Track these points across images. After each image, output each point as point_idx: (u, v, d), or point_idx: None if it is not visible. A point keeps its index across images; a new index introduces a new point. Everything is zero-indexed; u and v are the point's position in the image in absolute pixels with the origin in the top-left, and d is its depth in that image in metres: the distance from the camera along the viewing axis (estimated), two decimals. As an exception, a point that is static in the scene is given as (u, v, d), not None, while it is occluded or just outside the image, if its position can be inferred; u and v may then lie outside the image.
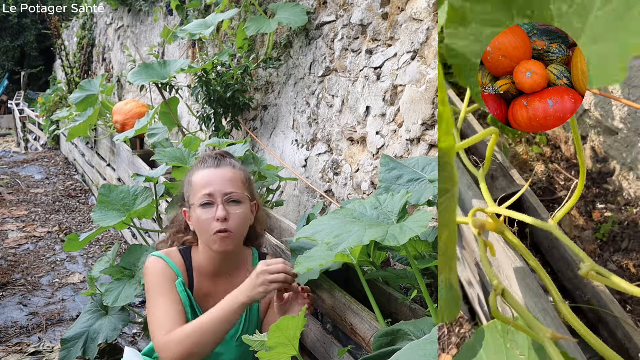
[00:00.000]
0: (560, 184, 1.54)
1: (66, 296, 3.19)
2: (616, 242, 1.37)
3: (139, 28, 5.72)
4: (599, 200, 1.46)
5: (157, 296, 1.51)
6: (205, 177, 1.55)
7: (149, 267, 1.56)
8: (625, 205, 1.43)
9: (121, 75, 6.28)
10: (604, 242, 1.38)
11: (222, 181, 1.53)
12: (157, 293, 1.52)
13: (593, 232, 1.40)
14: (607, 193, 1.47)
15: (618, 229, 1.38)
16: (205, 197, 1.51)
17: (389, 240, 1.03)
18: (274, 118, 2.93)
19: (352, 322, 1.39)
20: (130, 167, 3.62)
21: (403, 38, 1.97)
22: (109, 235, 4.20)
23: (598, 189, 1.49)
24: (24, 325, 2.80)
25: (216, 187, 1.52)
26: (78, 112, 4.20)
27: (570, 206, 0.88)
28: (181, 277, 1.56)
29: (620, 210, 1.43)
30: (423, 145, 1.85)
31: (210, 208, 1.51)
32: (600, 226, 1.40)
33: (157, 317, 1.47)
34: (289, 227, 2.06)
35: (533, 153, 1.65)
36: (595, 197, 1.47)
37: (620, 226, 1.39)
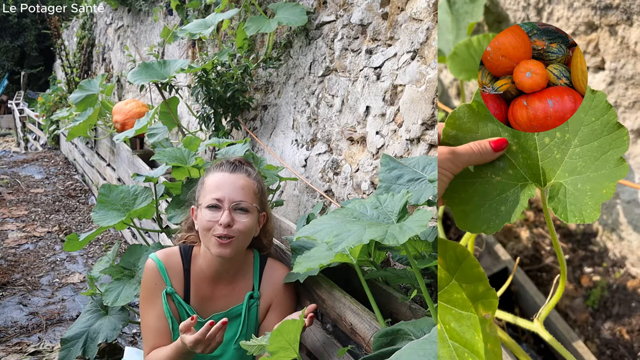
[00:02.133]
0: (546, 249, 1.54)
1: (66, 296, 3.19)
2: (607, 307, 1.37)
3: (139, 28, 5.72)
4: (586, 264, 1.46)
5: (144, 307, 1.58)
6: (218, 180, 1.54)
7: (145, 272, 1.60)
8: (613, 266, 1.43)
9: (121, 75, 6.28)
10: (595, 309, 1.38)
11: (233, 188, 1.53)
12: (144, 303, 1.58)
13: (584, 299, 1.40)
14: (594, 255, 1.47)
15: (608, 294, 1.38)
16: (213, 200, 1.51)
17: (388, 239, 1.03)
18: (274, 118, 2.93)
19: (352, 322, 1.39)
20: (130, 167, 3.62)
21: (403, 38, 1.97)
22: (109, 235, 4.20)
23: (584, 251, 1.48)
24: (24, 325, 2.80)
25: (226, 192, 1.52)
26: (78, 112, 4.20)
27: (554, 303, 0.93)
28: (169, 287, 1.56)
29: (607, 272, 1.43)
30: (423, 145, 1.85)
31: (216, 212, 1.50)
32: (590, 292, 1.40)
33: (143, 330, 1.58)
34: (289, 227, 2.06)
35: (517, 219, 1.65)
36: (582, 261, 1.47)
37: (610, 290, 1.39)
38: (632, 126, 1.25)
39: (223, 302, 1.60)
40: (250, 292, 1.60)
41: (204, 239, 1.54)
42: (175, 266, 1.59)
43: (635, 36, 1.15)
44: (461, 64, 1.63)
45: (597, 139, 0.82)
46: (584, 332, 1.33)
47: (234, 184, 1.54)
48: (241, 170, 1.59)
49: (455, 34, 1.38)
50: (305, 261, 1.40)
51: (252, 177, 1.59)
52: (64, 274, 3.54)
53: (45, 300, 3.12)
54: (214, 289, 1.60)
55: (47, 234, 4.33)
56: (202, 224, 1.51)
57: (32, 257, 3.81)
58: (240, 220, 1.51)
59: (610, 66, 1.21)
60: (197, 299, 1.59)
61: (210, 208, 1.51)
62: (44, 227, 4.52)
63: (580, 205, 0.81)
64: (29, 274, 3.51)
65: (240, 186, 1.54)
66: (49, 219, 4.75)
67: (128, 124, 3.89)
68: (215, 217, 1.49)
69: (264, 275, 1.63)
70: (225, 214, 1.49)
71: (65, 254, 3.87)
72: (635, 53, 1.16)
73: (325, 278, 1.60)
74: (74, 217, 4.84)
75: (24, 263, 3.69)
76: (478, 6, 1.41)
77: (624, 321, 1.32)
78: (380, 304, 1.43)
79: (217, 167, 1.60)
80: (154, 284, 1.56)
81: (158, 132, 2.82)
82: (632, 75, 1.19)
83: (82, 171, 6.19)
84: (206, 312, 1.60)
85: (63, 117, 5.00)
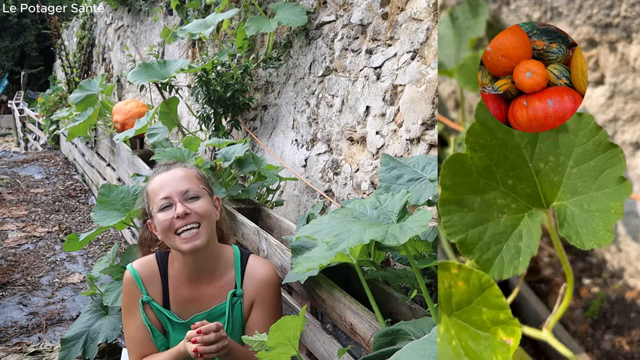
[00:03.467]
0: (544, 260, 1.53)
1: (66, 296, 3.19)
2: (607, 319, 1.37)
3: (139, 28, 5.72)
4: (584, 275, 1.46)
5: (125, 318, 1.61)
6: (159, 181, 1.55)
7: (123, 282, 1.61)
8: (612, 277, 1.42)
9: (121, 75, 6.28)
10: (594, 320, 1.38)
11: (176, 181, 1.53)
12: (126, 314, 1.60)
13: (583, 310, 1.40)
14: (592, 267, 1.46)
15: (607, 305, 1.38)
16: (162, 200, 1.50)
17: (389, 240, 1.03)
18: (274, 118, 2.93)
19: (352, 322, 1.39)
20: (130, 167, 3.62)
21: (403, 38, 1.97)
22: (109, 235, 4.20)
23: (582, 262, 1.48)
24: (24, 325, 2.80)
25: (171, 187, 1.52)
26: (78, 112, 4.20)
27: (561, 312, 0.93)
28: (145, 295, 1.56)
29: (606, 284, 1.42)
30: (423, 145, 1.85)
31: (169, 210, 1.50)
32: (590, 304, 1.39)
33: (127, 341, 1.60)
34: (289, 227, 2.05)
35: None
36: (580, 272, 1.47)
37: (609, 301, 1.39)
38: (631, 139, 1.26)
39: (205, 302, 1.58)
40: (232, 290, 1.57)
41: (169, 241, 1.52)
42: (151, 274, 1.58)
43: (634, 53, 1.16)
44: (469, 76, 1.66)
45: (592, 159, 0.83)
46: (583, 342, 1.33)
47: (175, 177, 1.54)
48: (176, 165, 1.61)
49: (457, 47, 1.39)
50: (305, 261, 1.40)
51: (189, 168, 1.61)
52: (64, 274, 3.54)
53: (45, 300, 3.12)
54: (194, 290, 1.58)
55: (47, 234, 4.33)
56: (162, 227, 1.50)
57: (32, 257, 3.81)
58: (194, 207, 1.50)
59: (610, 81, 1.22)
60: (177, 303, 1.57)
61: (163, 210, 1.50)
62: (44, 227, 4.52)
63: (593, 229, 0.81)
64: (29, 274, 3.51)
65: (181, 177, 1.55)
66: (49, 219, 4.75)
67: (128, 124, 3.89)
68: (171, 215, 1.49)
69: (246, 272, 1.60)
70: (178, 206, 1.49)
71: (65, 254, 3.87)
72: (634, 69, 1.17)
73: (325, 278, 1.60)
74: (74, 217, 4.84)
75: (24, 263, 3.69)
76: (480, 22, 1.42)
77: (624, 332, 1.32)
78: (380, 304, 1.43)
79: (153, 174, 1.63)
80: (132, 294, 1.57)
81: (158, 132, 2.82)
82: (631, 89, 1.20)
83: (82, 171, 6.19)
84: (191, 312, 1.58)
85: (63, 117, 5.00)
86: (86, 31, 8.05)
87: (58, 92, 7.97)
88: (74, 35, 9.01)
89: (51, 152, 8.04)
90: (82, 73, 8.07)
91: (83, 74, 8.05)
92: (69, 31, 9.71)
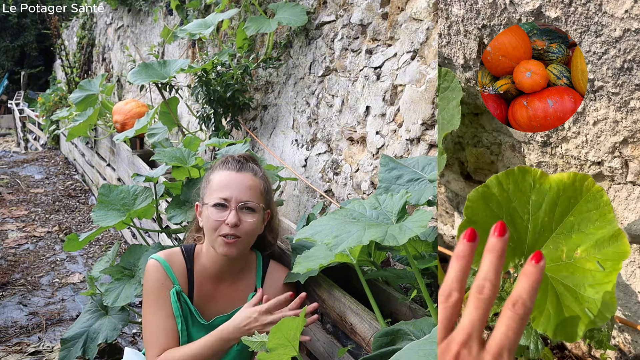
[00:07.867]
0: None
1: (66, 296, 3.19)
2: None
3: (139, 28, 5.71)
4: None
5: (151, 307, 1.54)
6: (225, 179, 1.53)
7: (148, 273, 1.57)
8: None
9: (121, 75, 6.28)
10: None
11: (240, 188, 1.52)
12: (151, 304, 1.54)
13: None
14: None
15: None
16: (220, 199, 1.50)
17: (388, 240, 1.03)
18: (274, 118, 2.93)
19: (352, 322, 1.39)
20: (130, 167, 3.62)
21: (403, 38, 1.97)
22: (109, 235, 4.20)
23: None
24: (24, 325, 2.80)
25: (233, 192, 1.51)
26: (78, 112, 4.20)
27: None
28: (177, 285, 1.55)
29: None
30: (423, 145, 1.85)
31: (223, 211, 1.49)
32: None
33: (150, 331, 1.52)
34: (289, 227, 2.06)
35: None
36: None
37: None
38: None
39: (225, 303, 1.60)
40: (252, 292, 1.60)
41: (209, 237, 1.53)
42: (178, 266, 1.58)
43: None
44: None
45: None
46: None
47: (241, 184, 1.52)
48: (247, 168, 1.57)
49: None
50: (305, 261, 1.40)
51: (258, 176, 1.58)
52: (64, 274, 3.54)
53: (45, 300, 3.12)
54: (217, 289, 1.60)
55: (47, 234, 4.33)
56: (209, 223, 1.50)
57: (32, 257, 3.81)
58: (246, 220, 1.50)
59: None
60: (200, 299, 1.58)
61: (216, 207, 1.50)
62: (44, 227, 4.52)
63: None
64: (29, 274, 3.51)
65: (247, 186, 1.53)
66: (49, 219, 4.75)
67: (128, 124, 3.89)
68: (222, 217, 1.48)
69: (267, 277, 1.62)
70: (232, 214, 1.48)
71: (65, 254, 3.87)
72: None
73: (325, 278, 1.60)
74: (74, 217, 4.84)
75: (24, 263, 3.69)
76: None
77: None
78: (380, 304, 1.43)
79: (223, 164, 1.59)
80: (161, 284, 1.55)
81: (158, 132, 2.82)
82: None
83: (82, 171, 6.19)
84: (209, 312, 1.59)
85: (63, 117, 5.00)
86: (86, 31, 8.05)
87: (58, 92, 7.97)
88: (74, 35, 9.01)
89: (51, 152, 8.04)
90: (82, 73, 8.07)
91: (83, 74, 8.05)
92: (69, 31, 9.71)
